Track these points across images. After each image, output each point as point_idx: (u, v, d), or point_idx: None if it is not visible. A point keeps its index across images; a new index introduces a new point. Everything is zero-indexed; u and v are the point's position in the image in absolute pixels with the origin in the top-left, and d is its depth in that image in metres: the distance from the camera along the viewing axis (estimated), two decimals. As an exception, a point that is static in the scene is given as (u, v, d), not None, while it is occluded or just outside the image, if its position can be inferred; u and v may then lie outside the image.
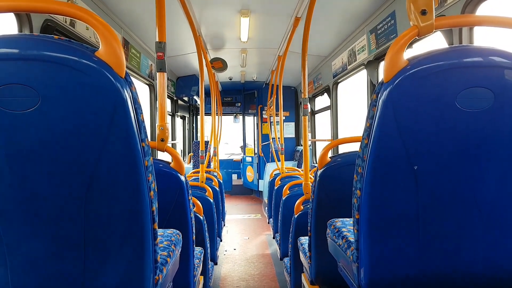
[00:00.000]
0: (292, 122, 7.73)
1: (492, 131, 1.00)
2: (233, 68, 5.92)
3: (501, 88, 0.96)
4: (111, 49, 0.85)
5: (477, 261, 1.08)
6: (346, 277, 1.34)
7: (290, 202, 2.96)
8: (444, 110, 0.98)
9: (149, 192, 0.94)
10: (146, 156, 0.93)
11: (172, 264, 1.23)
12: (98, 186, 0.88)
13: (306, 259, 2.08)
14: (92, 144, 0.86)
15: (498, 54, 0.97)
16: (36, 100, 0.82)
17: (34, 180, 0.87)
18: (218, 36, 4.30)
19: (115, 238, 0.93)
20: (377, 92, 1.02)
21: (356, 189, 1.13)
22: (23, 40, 0.84)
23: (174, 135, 6.52)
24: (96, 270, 0.93)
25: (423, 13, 0.99)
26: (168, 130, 1.69)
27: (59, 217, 0.90)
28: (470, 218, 1.06)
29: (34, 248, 0.92)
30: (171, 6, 3.02)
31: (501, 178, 1.03)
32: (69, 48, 0.83)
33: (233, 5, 3.30)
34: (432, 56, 0.98)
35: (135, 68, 3.89)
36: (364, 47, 3.55)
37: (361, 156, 1.09)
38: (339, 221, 1.56)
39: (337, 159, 1.87)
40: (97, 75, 0.83)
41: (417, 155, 1.01)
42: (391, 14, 2.85)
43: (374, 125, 1.02)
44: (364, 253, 1.10)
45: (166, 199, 1.62)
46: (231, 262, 3.98)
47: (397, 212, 1.07)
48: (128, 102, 0.86)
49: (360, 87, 3.92)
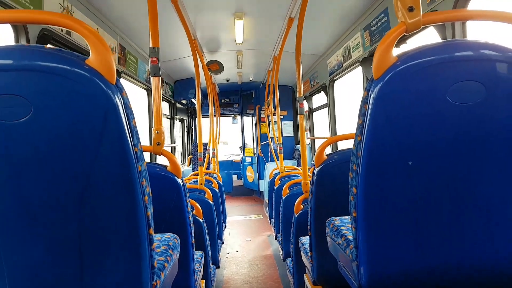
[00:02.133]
0: (290, 121, 7.73)
1: (484, 125, 0.99)
2: (229, 70, 5.92)
3: (492, 81, 0.96)
4: (101, 57, 0.86)
5: (476, 255, 1.08)
6: (347, 275, 1.34)
7: (290, 202, 2.96)
8: (435, 105, 0.98)
9: (143, 197, 0.94)
10: (139, 161, 0.93)
11: (170, 269, 1.23)
12: (92, 192, 0.89)
13: (308, 259, 2.07)
14: (85, 151, 0.86)
15: (489, 47, 0.97)
16: (28, 110, 0.82)
17: (29, 188, 0.87)
18: (214, 39, 4.31)
19: (110, 244, 0.94)
20: (368, 89, 1.02)
21: (352, 187, 1.12)
22: (14, 51, 0.85)
23: (173, 138, 6.52)
24: (92, 277, 0.94)
25: (410, 9, 0.99)
26: (164, 134, 1.69)
27: (54, 224, 0.90)
28: (466, 212, 1.06)
29: (31, 256, 0.92)
30: (166, 11, 3.03)
31: (497, 170, 1.03)
32: (59, 57, 0.83)
33: (227, 8, 3.31)
34: (421, 51, 0.98)
35: (133, 74, 3.90)
36: (358, 45, 3.56)
37: (355, 153, 1.09)
38: (338, 220, 1.55)
39: (334, 157, 1.86)
40: (88, 83, 0.83)
41: (410, 150, 1.01)
42: (384, 11, 2.86)
43: (366, 122, 1.02)
44: (363, 251, 1.10)
45: (163, 203, 1.62)
46: (233, 265, 3.97)
47: (394, 209, 1.06)
48: (120, 108, 0.87)
49: (358, 84, 3.92)
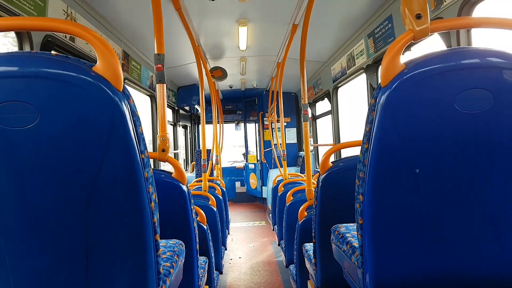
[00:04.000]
0: (293, 127, 7.73)
1: (492, 132, 0.99)
2: (233, 76, 5.95)
3: (500, 89, 0.96)
4: (108, 64, 0.86)
5: (482, 262, 1.07)
6: (352, 283, 1.33)
7: (294, 208, 2.95)
8: (443, 112, 0.97)
9: (149, 203, 0.94)
10: (146, 167, 0.93)
11: (175, 275, 1.23)
12: (98, 199, 0.88)
13: (312, 266, 2.06)
14: (91, 158, 0.86)
15: (496, 54, 0.97)
16: (35, 117, 0.82)
17: (35, 195, 0.87)
18: (217, 45, 4.34)
19: (117, 250, 0.93)
20: (375, 97, 1.02)
21: (359, 194, 1.12)
22: (21, 58, 0.85)
23: (177, 145, 6.53)
24: (98, 282, 0.93)
25: (418, 17, 0.99)
26: (169, 140, 1.70)
27: (61, 231, 0.90)
28: (473, 220, 1.05)
29: (37, 262, 0.92)
30: (170, 18, 3.06)
31: (504, 178, 1.02)
32: (66, 64, 0.84)
33: (230, 15, 3.34)
34: (429, 59, 0.98)
35: (136, 80, 3.92)
36: (362, 51, 3.56)
37: (362, 161, 1.09)
38: (343, 227, 1.55)
39: (339, 164, 1.86)
40: (95, 90, 0.84)
41: (417, 158, 1.01)
42: (388, 18, 2.87)
43: (373, 129, 1.02)
44: (369, 258, 1.09)
45: (168, 209, 1.62)
46: (236, 271, 3.95)
47: (400, 216, 1.06)
48: (127, 115, 0.87)
49: (362, 91, 3.92)
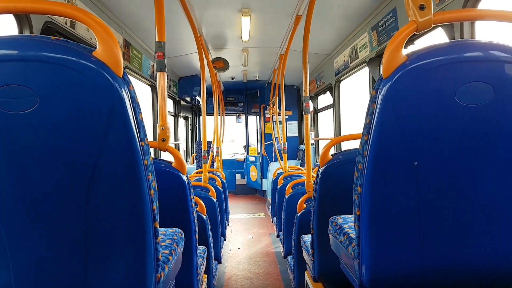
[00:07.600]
0: (295, 121, 7.72)
1: (492, 126, 0.99)
2: (235, 68, 5.92)
3: (501, 82, 0.95)
4: (108, 49, 0.86)
5: (479, 255, 1.08)
6: (348, 273, 1.34)
7: (293, 201, 2.97)
8: (443, 105, 0.97)
9: (149, 191, 0.94)
10: (145, 155, 0.93)
11: (174, 263, 1.24)
12: (98, 185, 0.89)
13: (309, 257, 2.08)
14: (90, 143, 0.86)
15: (498, 48, 0.96)
16: (35, 101, 0.82)
17: (34, 181, 0.87)
18: (219, 35, 4.30)
19: (116, 237, 0.94)
20: (376, 89, 1.01)
21: (357, 186, 1.12)
22: (21, 41, 0.84)
23: (177, 136, 6.53)
24: (98, 269, 0.94)
25: (421, 8, 0.98)
26: (169, 130, 1.70)
27: (60, 217, 0.90)
28: (471, 213, 1.05)
29: (36, 249, 0.92)
30: (172, 7, 3.02)
31: (503, 172, 1.03)
32: (66, 48, 0.83)
33: (233, 4, 3.30)
34: (431, 51, 0.97)
35: (137, 69, 3.90)
36: (366, 45, 3.54)
37: (361, 153, 1.09)
38: (341, 218, 1.56)
39: (339, 157, 1.87)
40: (95, 75, 0.83)
41: (417, 151, 1.01)
42: (392, 11, 2.84)
43: (373, 121, 1.02)
44: (365, 249, 1.10)
45: (168, 199, 1.62)
46: (235, 261, 4.00)
47: (398, 208, 1.06)
48: (126, 101, 0.86)
49: (364, 84, 3.91)
